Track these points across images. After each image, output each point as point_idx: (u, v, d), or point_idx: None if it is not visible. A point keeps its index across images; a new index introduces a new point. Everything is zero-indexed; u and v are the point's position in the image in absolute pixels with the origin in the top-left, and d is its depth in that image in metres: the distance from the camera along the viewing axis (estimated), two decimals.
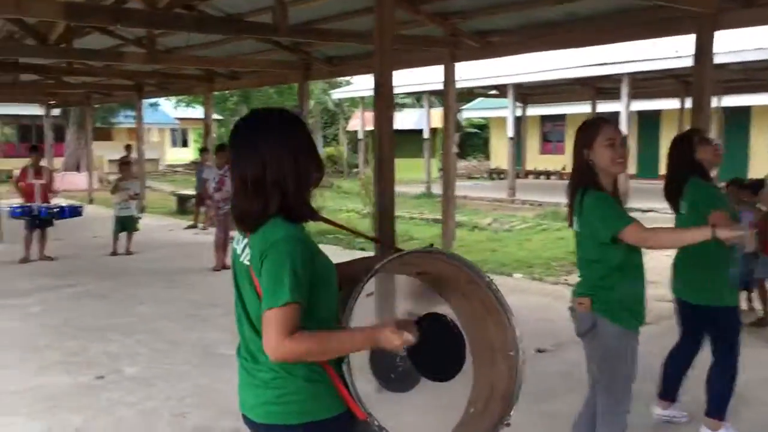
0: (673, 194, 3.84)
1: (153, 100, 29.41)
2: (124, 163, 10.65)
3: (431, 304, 2.31)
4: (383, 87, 4.41)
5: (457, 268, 2.32)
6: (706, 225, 2.92)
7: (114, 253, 10.18)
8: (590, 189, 3.01)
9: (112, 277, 8.64)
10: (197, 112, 33.50)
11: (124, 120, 26.43)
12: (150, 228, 12.32)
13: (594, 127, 3.04)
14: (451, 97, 8.88)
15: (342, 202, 16.27)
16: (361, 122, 22.14)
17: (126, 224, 10.23)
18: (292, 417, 1.96)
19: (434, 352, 2.17)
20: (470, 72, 15.67)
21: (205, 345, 5.80)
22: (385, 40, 4.36)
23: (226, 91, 24.61)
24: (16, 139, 29.77)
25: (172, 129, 38.92)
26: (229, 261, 9.00)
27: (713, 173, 3.90)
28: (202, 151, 12.92)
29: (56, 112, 22.74)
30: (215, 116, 31.82)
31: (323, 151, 28.73)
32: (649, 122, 22.26)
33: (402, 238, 10.20)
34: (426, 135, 20.41)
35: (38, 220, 9.44)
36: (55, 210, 9.46)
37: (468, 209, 15.96)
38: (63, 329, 6.29)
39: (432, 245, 2.40)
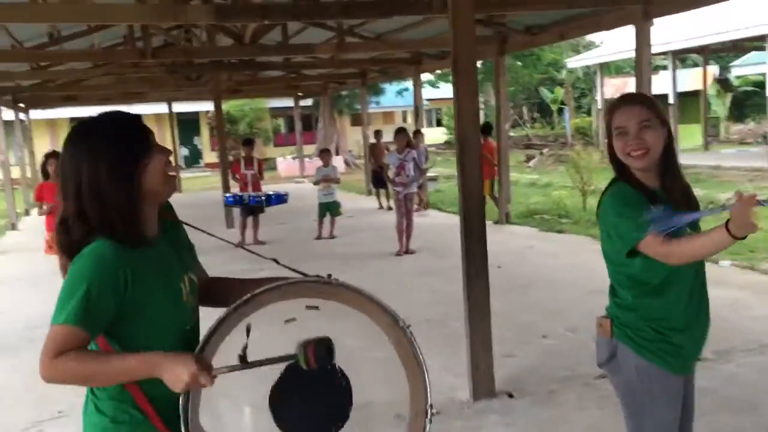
0: None
1: (403, 85, 30.45)
2: (324, 151, 11.15)
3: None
4: None
5: (367, 303, 1.98)
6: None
7: (319, 237, 10.74)
8: (619, 183, 2.35)
9: (304, 261, 8.95)
10: (445, 91, 34.17)
11: (375, 106, 27.83)
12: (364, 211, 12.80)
13: (609, 112, 2.38)
14: (644, 60, 7.77)
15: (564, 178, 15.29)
16: (600, 90, 20.64)
17: (329, 209, 10.73)
18: None
19: (303, 403, 1.88)
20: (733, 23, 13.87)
21: (337, 338, 5.80)
22: None
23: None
24: (285, 129, 32.93)
25: (426, 110, 40.09)
26: (411, 246, 9.07)
27: None
28: (415, 133, 13.07)
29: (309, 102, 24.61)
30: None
31: (569, 123, 27.42)
32: None
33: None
34: (671, 100, 18.35)
35: (249, 207, 10.28)
36: (263, 198, 10.20)
37: (714, 181, 14.06)
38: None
39: (329, 275, 2.05)
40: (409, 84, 32.13)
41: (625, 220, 2.23)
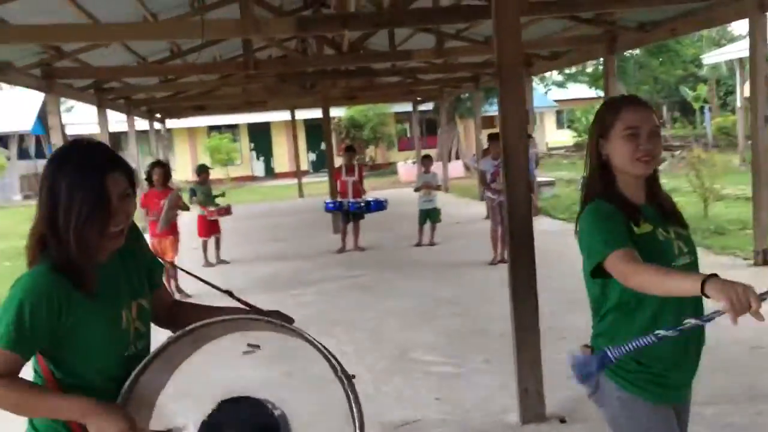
0: None
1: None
2: (425, 157, 11.06)
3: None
4: None
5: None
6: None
7: (418, 244, 10.67)
8: (595, 201, 2.15)
9: (394, 269, 9.08)
10: (574, 91, 32.98)
11: (488, 108, 27.36)
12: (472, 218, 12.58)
13: (613, 110, 2.16)
14: (759, 55, 7.08)
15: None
16: (739, 87, 19.09)
17: (429, 216, 10.64)
18: None
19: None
20: None
21: (405, 348, 5.72)
22: None
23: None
24: (411, 133, 33.11)
25: (557, 111, 38.92)
26: (506, 255, 8.81)
27: None
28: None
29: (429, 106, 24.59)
30: (592, 94, 31.20)
31: (711, 123, 25.62)
32: None
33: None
34: None
35: (349, 213, 10.40)
36: (362, 205, 10.28)
37: None
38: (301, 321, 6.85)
39: (273, 313, 2.01)
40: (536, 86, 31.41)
41: (597, 235, 2.04)
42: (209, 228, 9.91)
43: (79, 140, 1.84)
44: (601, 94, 26.41)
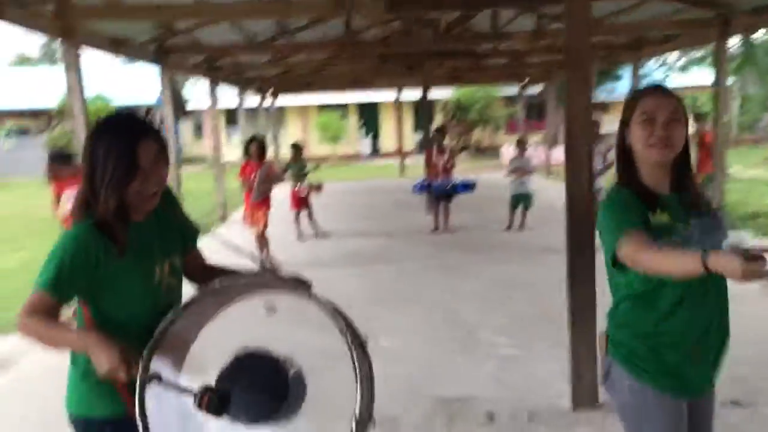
0: None
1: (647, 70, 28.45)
2: (519, 142, 10.94)
3: None
4: None
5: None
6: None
7: (509, 228, 10.61)
8: (615, 188, 2.17)
9: (480, 251, 9.09)
10: (691, 77, 31.21)
11: (609, 94, 26.37)
12: None
13: (634, 98, 2.17)
14: None
15: None
16: None
17: (521, 201, 10.54)
18: (70, 405, 2.10)
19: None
20: None
21: (474, 328, 5.79)
22: None
23: None
24: (522, 116, 32.51)
25: None
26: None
27: None
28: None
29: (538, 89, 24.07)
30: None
31: None
32: None
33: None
34: None
35: (437, 195, 10.47)
36: (449, 186, 10.32)
37: None
38: (370, 296, 7.04)
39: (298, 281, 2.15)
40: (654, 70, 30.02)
41: (611, 222, 2.05)
42: (300, 203, 10.31)
43: (119, 111, 2.07)
44: (731, 80, 25.05)
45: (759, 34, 21.95)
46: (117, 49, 8.43)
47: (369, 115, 31.66)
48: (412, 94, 25.38)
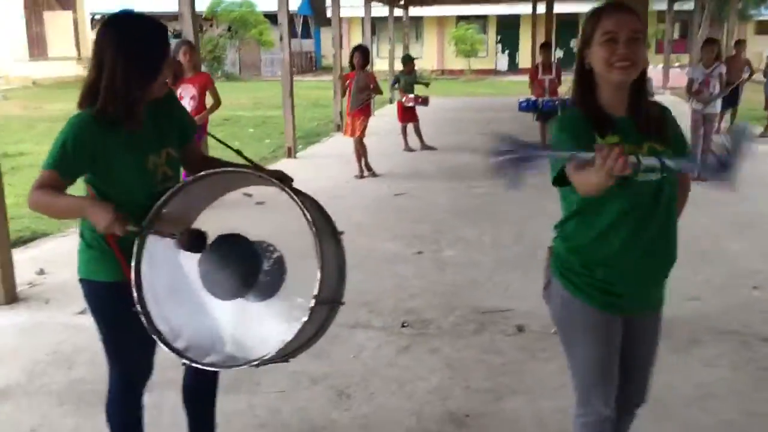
0: None
1: None
2: None
3: None
4: None
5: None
6: None
7: None
8: (568, 109, 2.23)
9: None
10: None
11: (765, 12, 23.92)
12: None
13: (594, 17, 2.17)
14: None
15: None
16: None
17: None
18: (79, 270, 2.49)
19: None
20: None
21: (539, 246, 5.82)
22: None
23: None
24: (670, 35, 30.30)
25: None
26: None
27: None
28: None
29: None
30: None
31: None
32: None
33: None
34: None
35: (542, 113, 10.23)
36: (557, 103, 10.04)
37: None
38: (453, 209, 7.20)
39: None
40: None
41: (557, 145, 2.11)
42: (406, 115, 10.46)
43: (140, 14, 2.35)
44: None
45: None
46: None
47: (508, 29, 30.72)
48: (557, 7, 24.29)
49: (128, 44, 2.26)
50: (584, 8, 26.66)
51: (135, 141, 2.34)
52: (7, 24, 25.68)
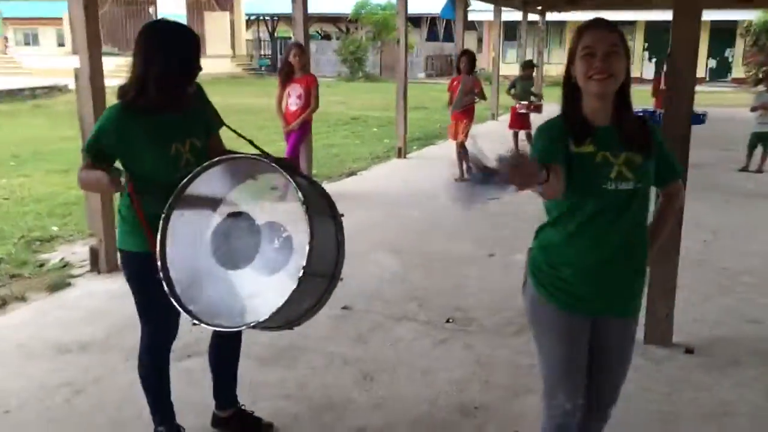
0: None
1: None
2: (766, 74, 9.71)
3: None
4: None
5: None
6: None
7: (744, 169, 9.69)
8: (552, 119, 2.34)
9: (692, 189, 8.52)
10: None
11: None
12: None
13: (577, 34, 2.29)
14: None
15: None
16: None
17: (761, 140, 9.52)
18: (118, 242, 2.89)
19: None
20: None
21: None
22: None
23: None
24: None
25: None
26: None
27: None
28: None
29: None
30: None
31: None
32: None
33: None
34: None
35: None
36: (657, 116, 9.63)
37: None
38: (528, 218, 7.10)
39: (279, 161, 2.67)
40: None
41: (533, 152, 2.23)
42: (517, 121, 10.41)
43: (174, 22, 2.73)
44: None
45: None
46: None
47: (657, 35, 29.36)
48: (711, 15, 22.99)
49: (175, 46, 2.64)
50: (739, 16, 25.08)
51: (161, 129, 2.69)
52: None
